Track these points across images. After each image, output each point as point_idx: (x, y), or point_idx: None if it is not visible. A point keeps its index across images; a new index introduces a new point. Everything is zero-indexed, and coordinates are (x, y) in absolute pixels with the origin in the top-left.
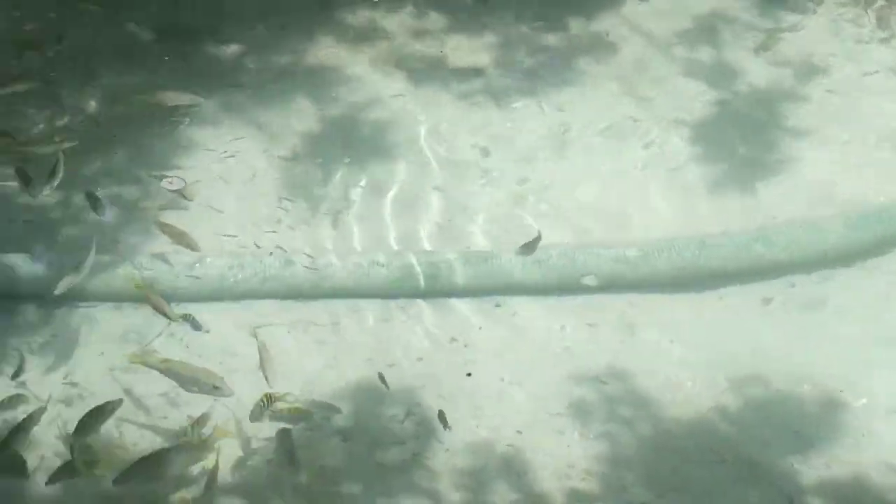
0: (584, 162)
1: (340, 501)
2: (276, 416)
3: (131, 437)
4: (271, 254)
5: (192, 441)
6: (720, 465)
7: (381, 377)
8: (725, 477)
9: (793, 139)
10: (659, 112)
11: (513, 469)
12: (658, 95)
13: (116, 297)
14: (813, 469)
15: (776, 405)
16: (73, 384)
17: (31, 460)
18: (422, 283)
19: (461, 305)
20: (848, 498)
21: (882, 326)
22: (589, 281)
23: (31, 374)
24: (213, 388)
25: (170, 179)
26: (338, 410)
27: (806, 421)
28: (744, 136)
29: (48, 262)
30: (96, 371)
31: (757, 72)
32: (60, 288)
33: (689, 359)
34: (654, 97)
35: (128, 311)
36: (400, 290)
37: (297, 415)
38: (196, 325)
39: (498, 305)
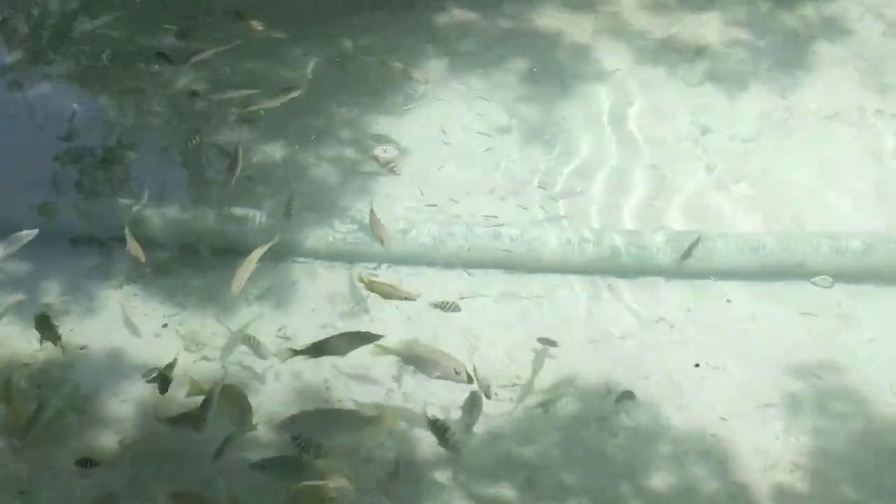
0: (804, 149)
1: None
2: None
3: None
4: (480, 225)
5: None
6: None
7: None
8: None
9: None
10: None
11: (714, 457)
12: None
13: (327, 256)
14: None
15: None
16: (287, 338)
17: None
18: (631, 261)
19: (669, 287)
20: None
21: None
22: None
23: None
24: (455, 373)
25: (384, 148)
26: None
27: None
28: None
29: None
30: (308, 327)
31: None
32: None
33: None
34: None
35: (340, 270)
36: (607, 267)
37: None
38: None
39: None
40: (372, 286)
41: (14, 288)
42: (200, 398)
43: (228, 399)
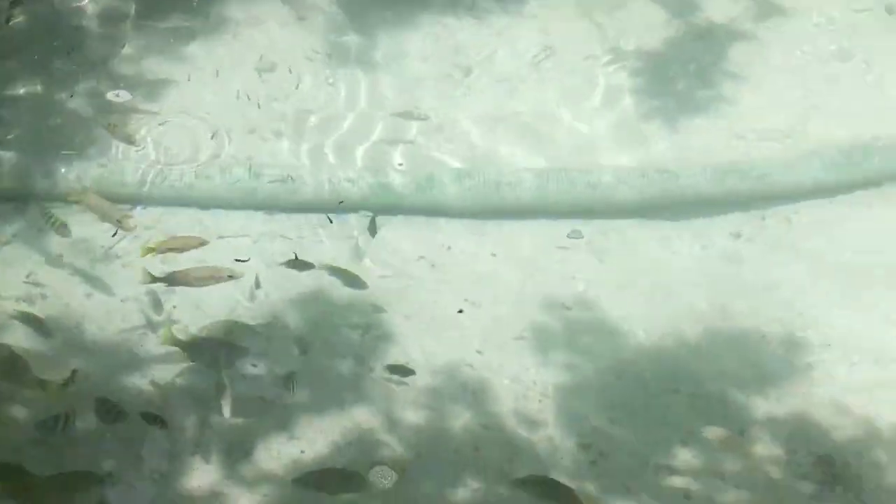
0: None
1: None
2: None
3: None
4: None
5: None
6: (675, 395)
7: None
8: (681, 406)
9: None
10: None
11: (469, 388)
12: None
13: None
14: (766, 403)
15: (738, 340)
16: (36, 284)
17: None
18: (386, 201)
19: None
20: (794, 432)
21: (851, 264)
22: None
23: None
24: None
25: (116, 93)
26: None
27: (765, 354)
28: (685, 71)
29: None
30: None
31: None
32: None
33: (655, 291)
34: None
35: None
36: (366, 206)
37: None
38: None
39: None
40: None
41: None
42: None
43: None
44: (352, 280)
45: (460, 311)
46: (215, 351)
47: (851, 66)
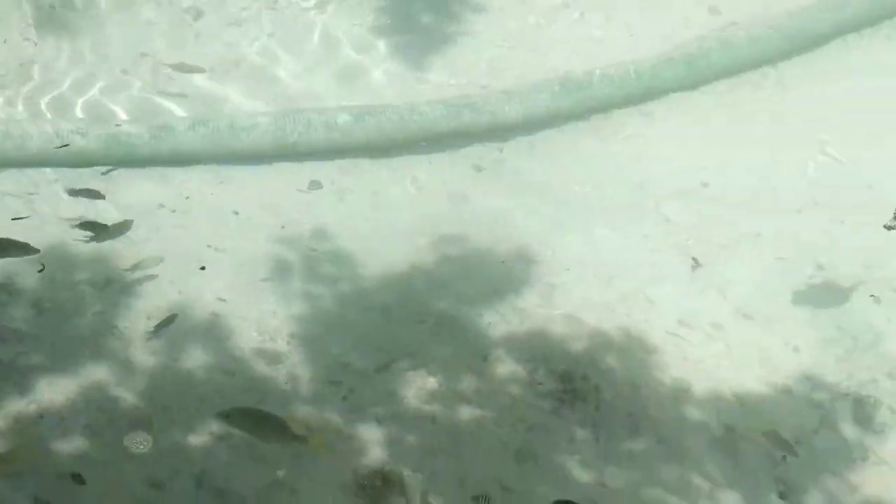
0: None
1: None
2: None
3: None
4: None
5: None
6: (420, 325)
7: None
8: (425, 335)
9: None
10: None
11: (214, 334)
12: None
13: None
14: (507, 325)
15: (479, 267)
16: None
17: None
18: (120, 153)
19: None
20: (537, 348)
21: (581, 191)
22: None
23: None
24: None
25: None
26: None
27: (504, 279)
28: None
29: None
30: None
31: None
32: None
33: (397, 225)
34: None
35: None
36: (100, 159)
37: None
38: None
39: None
40: None
41: None
42: None
43: None
44: (95, 233)
45: (202, 269)
46: None
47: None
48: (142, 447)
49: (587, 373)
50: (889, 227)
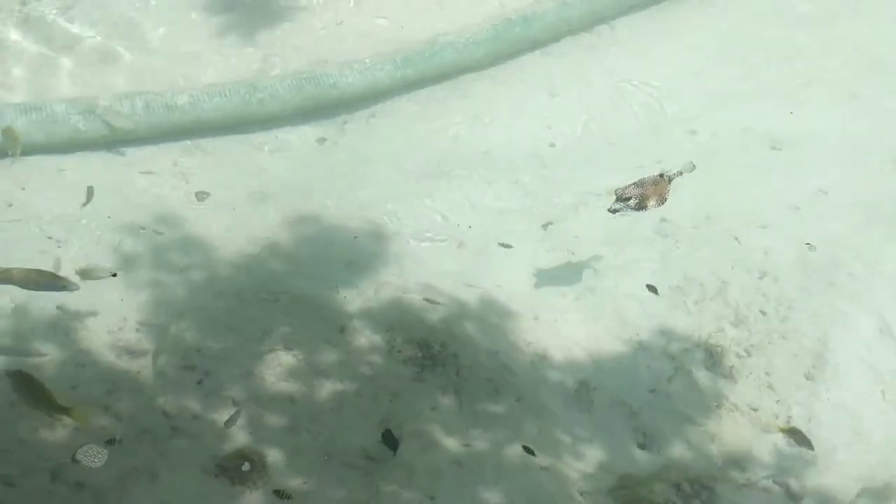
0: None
1: None
2: None
3: None
4: None
5: None
6: (274, 304)
7: None
8: (279, 314)
9: None
10: None
11: (61, 329)
12: None
13: None
14: (362, 297)
15: (331, 241)
16: None
17: None
18: None
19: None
20: (393, 320)
21: (432, 152)
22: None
23: None
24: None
25: None
26: None
27: (356, 253)
28: None
29: None
30: None
31: None
32: None
33: (245, 203)
34: None
35: None
36: None
37: None
38: None
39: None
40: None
41: None
42: None
43: None
44: None
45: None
46: None
47: None
48: None
49: (445, 339)
50: (612, 211)
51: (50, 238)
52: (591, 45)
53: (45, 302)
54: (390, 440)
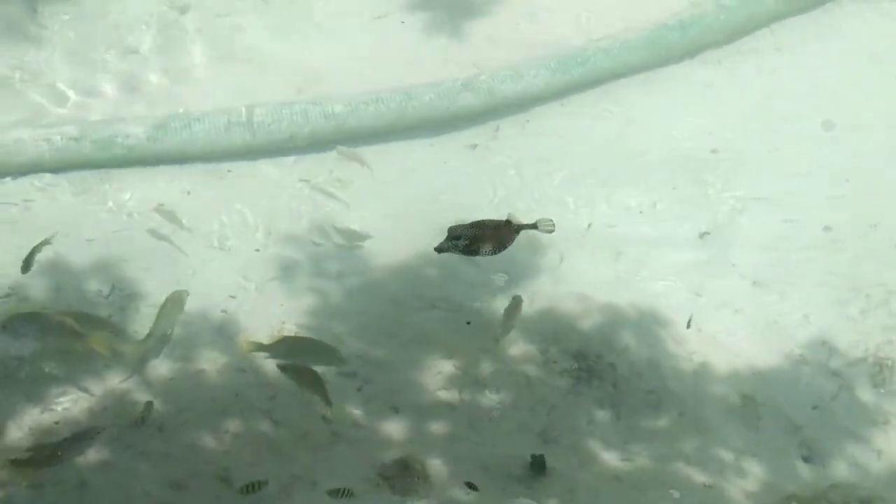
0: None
1: None
2: None
3: None
4: None
5: None
6: (431, 311)
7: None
8: (436, 322)
9: None
10: None
11: (225, 333)
12: None
13: None
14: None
15: None
16: None
17: None
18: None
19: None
20: (548, 330)
21: (587, 161)
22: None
23: None
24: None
25: None
26: None
27: (510, 261)
28: None
29: None
30: None
31: None
32: None
33: (398, 210)
34: None
35: None
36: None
37: None
38: None
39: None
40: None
41: None
42: None
43: None
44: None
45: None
46: None
47: None
48: None
49: (601, 351)
50: (438, 250)
51: (212, 246)
52: (751, 50)
53: (212, 308)
54: (538, 466)
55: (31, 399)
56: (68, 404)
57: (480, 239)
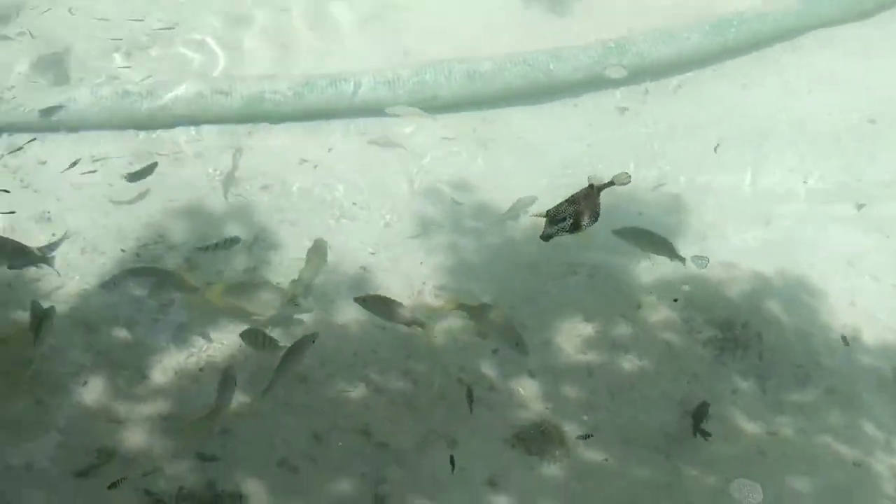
0: None
1: None
2: None
3: None
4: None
5: None
6: (572, 277)
7: None
8: (576, 287)
9: None
10: None
11: (364, 290)
12: None
13: None
14: (659, 272)
15: (624, 211)
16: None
17: None
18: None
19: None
20: (692, 297)
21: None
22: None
23: None
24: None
25: None
26: None
27: (652, 226)
28: None
29: None
30: None
31: None
32: None
33: (542, 173)
34: None
35: None
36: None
37: None
38: None
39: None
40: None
41: None
42: None
43: None
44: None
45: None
46: None
47: None
48: None
49: (748, 319)
50: (546, 237)
51: (354, 204)
52: None
53: (350, 263)
54: (700, 415)
55: (176, 344)
56: (212, 351)
57: (581, 213)
